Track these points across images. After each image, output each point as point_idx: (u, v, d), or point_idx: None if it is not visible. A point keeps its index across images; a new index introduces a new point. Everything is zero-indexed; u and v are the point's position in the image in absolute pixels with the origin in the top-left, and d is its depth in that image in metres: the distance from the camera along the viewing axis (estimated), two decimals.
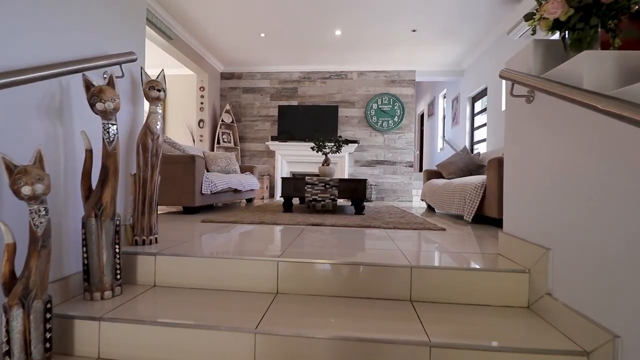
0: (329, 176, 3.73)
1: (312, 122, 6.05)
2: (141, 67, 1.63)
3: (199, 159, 3.05)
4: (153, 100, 1.65)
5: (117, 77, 1.47)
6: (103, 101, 1.26)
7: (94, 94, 1.27)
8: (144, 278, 1.49)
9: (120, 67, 1.47)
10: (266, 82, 6.32)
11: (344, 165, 6.00)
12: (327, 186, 3.11)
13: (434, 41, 5.05)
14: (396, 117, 6.06)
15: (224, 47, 5.45)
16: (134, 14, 1.66)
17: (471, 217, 2.73)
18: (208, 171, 4.52)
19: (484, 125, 5.34)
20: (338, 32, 4.80)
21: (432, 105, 8.07)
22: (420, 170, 8.99)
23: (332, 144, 3.78)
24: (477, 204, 2.70)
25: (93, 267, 1.31)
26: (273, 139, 6.06)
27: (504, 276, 1.31)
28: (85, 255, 1.30)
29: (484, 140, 5.37)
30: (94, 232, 1.29)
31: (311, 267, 1.39)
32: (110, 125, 1.31)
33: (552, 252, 1.18)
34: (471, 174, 4.12)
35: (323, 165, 3.77)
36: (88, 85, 1.29)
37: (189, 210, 3.07)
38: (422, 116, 9.15)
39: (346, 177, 5.99)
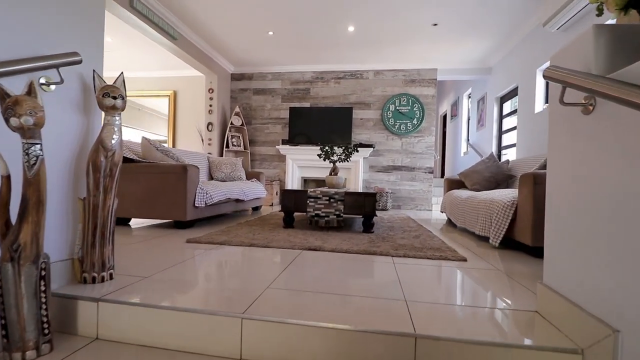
0: (336, 187, 3.39)
1: (325, 124, 5.72)
2: (94, 71, 1.37)
3: (192, 169, 2.79)
4: (108, 110, 1.38)
5: (54, 83, 1.21)
6: (18, 115, 1.00)
7: (8, 107, 1.00)
8: (85, 328, 1.22)
9: (58, 71, 1.20)
10: (277, 82, 6.05)
11: (358, 171, 5.64)
12: (332, 200, 2.77)
13: (457, 36, 4.59)
14: (415, 119, 5.63)
15: (233, 47, 5.22)
16: (87, 4, 1.40)
17: (498, 242, 2.32)
18: (212, 178, 4.30)
19: (514, 128, 4.83)
20: (351, 28, 4.44)
21: (455, 106, 7.55)
22: (442, 175, 8.46)
23: (341, 152, 3.44)
24: (506, 227, 2.29)
25: (11, 322, 1.05)
26: (284, 142, 5.78)
27: (546, 357, 0.94)
28: (2, 307, 1.04)
29: (513, 145, 4.86)
30: (10, 279, 1.03)
31: (282, 330, 1.07)
32: (30, 146, 1.04)
33: (623, 336, 0.80)
34: (498, 185, 3.67)
35: (330, 174, 3.44)
36: (2, 95, 1.02)
37: (180, 225, 2.82)
38: (444, 117, 8.62)
39: (360, 183, 5.62)
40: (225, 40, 4.97)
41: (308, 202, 2.81)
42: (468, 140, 6.63)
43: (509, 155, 5.05)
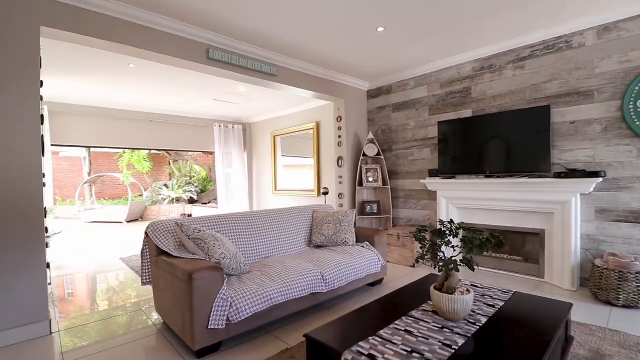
0: (452, 319, 1.63)
1: (498, 141, 3.54)
2: None
3: (202, 277, 1.93)
4: None
5: None
6: None
7: None
8: None
9: None
10: (423, 90, 4.35)
11: (569, 220, 3.08)
12: None
13: None
14: None
15: (348, 62, 4.08)
16: None
17: None
18: (311, 242, 3.35)
19: None
20: None
21: None
22: None
23: (460, 241, 1.62)
24: None
25: None
26: (432, 174, 4.02)
27: None
28: None
29: None
30: None
31: None
32: None
33: None
34: None
35: (440, 289, 1.70)
36: None
37: (197, 353, 2.02)
38: None
39: (575, 244, 3.05)
40: (337, 57, 3.91)
41: None
42: None
43: None
